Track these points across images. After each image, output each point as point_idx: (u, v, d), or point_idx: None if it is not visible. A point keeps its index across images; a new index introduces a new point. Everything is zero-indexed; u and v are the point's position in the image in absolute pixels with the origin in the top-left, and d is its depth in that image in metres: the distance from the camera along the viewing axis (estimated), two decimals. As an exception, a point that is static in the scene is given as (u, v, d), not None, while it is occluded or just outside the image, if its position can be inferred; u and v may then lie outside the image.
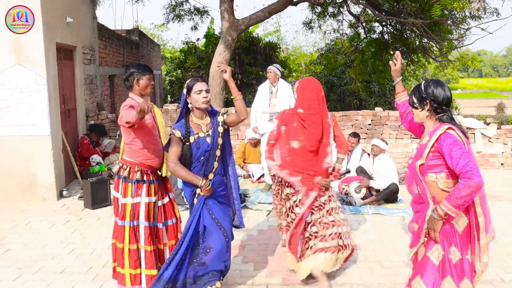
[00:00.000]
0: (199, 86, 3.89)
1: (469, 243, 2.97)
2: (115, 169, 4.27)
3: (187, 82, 3.99)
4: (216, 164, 3.99)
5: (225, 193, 4.16)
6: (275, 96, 7.82)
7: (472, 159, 2.79)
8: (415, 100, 3.05)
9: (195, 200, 3.98)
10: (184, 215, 4.36)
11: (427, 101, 2.98)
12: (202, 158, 3.91)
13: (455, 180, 2.93)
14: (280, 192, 4.56)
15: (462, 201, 2.75)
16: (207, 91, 3.93)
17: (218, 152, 3.98)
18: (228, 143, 4.18)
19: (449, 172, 2.93)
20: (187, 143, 3.88)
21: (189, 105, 3.98)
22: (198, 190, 3.93)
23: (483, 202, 2.95)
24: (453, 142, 2.83)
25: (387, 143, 7.45)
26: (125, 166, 4.21)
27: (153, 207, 4.25)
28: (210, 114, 4.07)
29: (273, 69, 7.79)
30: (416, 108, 3.05)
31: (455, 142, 2.83)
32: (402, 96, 3.52)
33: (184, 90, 3.97)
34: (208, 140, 3.92)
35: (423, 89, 3.01)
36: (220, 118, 4.06)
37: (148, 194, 4.20)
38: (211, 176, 3.97)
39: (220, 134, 3.99)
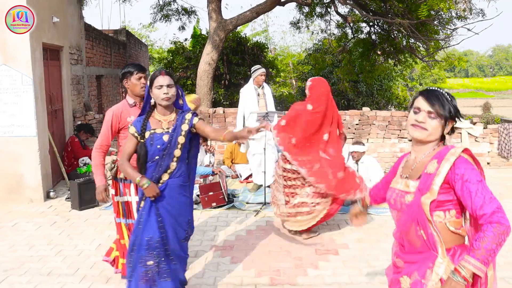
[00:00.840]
0: (160, 80, 3.46)
1: None
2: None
3: (151, 74, 3.59)
4: (173, 165, 3.53)
5: (185, 199, 3.69)
6: (263, 98, 7.84)
7: (494, 195, 2.10)
8: (439, 110, 2.19)
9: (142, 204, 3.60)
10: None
11: (454, 119, 2.24)
12: (156, 157, 3.49)
13: (462, 218, 2.28)
14: None
15: (493, 254, 2.03)
16: (169, 86, 3.50)
17: (177, 152, 3.51)
18: (196, 147, 3.79)
19: (459, 208, 2.23)
20: (142, 140, 3.49)
21: (151, 100, 3.58)
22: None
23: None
24: (471, 172, 2.12)
25: (364, 144, 7.45)
26: (113, 165, 4.28)
27: None
28: (178, 110, 3.65)
29: (265, 72, 7.80)
30: (433, 118, 2.20)
31: (473, 172, 2.13)
32: (370, 198, 2.83)
33: (148, 83, 3.60)
34: (165, 138, 3.48)
35: (451, 101, 2.22)
36: (188, 116, 3.59)
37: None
38: (165, 177, 3.53)
39: (183, 132, 3.52)
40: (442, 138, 2.27)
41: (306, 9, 13.17)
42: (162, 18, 13.75)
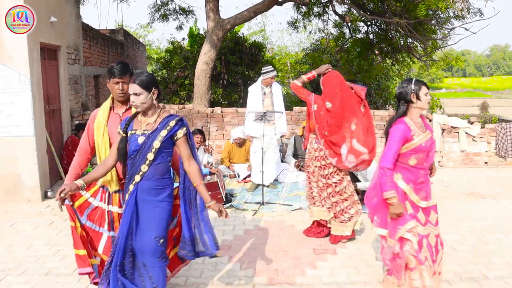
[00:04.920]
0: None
1: None
2: None
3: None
4: (145, 168, 3.51)
5: (159, 211, 3.60)
6: (269, 97, 7.81)
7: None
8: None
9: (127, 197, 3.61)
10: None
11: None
12: (131, 156, 3.54)
13: None
14: None
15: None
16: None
17: (150, 156, 3.50)
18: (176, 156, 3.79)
19: None
20: (124, 136, 3.57)
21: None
22: (130, 186, 3.58)
23: None
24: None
25: None
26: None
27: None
28: (165, 114, 3.63)
29: (275, 73, 7.75)
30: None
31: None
32: None
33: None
34: (140, 140, 3.51)
35: None
36: (172, 123, 3.53)
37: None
38: (137, 178, 3.54)
39: (160, 138, 3.49)
40: None
41: (304, 8, 13.16)
42: (160, 18, 13.74)
